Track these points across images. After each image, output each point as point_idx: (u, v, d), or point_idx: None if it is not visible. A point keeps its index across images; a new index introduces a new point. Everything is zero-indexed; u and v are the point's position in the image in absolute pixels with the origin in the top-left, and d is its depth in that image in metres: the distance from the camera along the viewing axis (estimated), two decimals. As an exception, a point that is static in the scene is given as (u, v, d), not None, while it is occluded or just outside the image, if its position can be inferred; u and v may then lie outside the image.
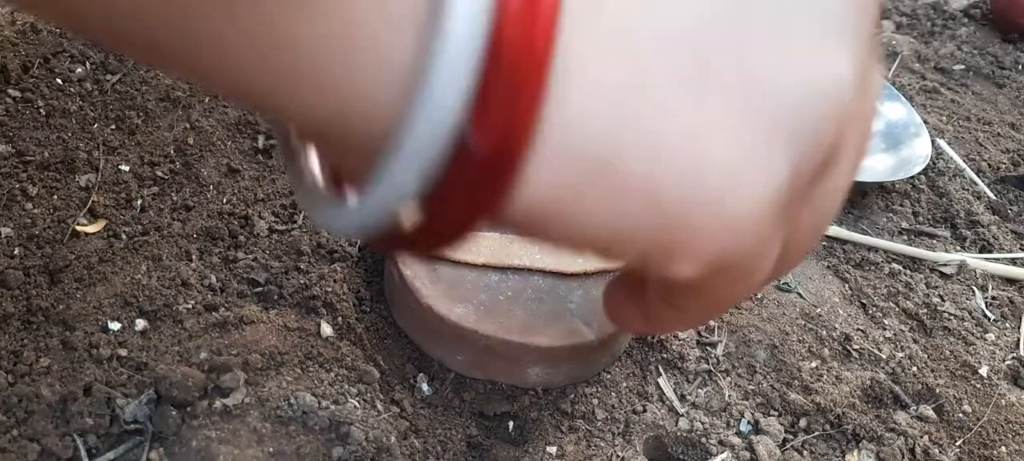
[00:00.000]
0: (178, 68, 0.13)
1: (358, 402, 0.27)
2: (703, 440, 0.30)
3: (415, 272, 0.29)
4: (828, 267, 0.44)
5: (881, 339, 0.39)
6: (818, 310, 0.39)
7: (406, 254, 0.15)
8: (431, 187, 0.13)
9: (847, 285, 0.42)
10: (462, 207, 0.13)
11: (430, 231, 0.14)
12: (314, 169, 0.17)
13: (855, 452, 0.32)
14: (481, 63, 0.12)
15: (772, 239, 0.16)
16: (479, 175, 0.13)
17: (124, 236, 0.32)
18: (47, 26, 0.45)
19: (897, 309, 0.41)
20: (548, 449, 0.28)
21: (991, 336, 0.41)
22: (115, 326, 0.28)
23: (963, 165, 0.57)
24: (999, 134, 0.64)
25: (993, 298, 0.44)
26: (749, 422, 0.32)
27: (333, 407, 0.27)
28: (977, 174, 0.56)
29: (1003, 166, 0.58)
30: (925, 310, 0.41)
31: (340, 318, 0.30)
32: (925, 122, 0.54)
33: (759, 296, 0.39)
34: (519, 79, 0.12)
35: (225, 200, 0.34)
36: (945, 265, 0.45)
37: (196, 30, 0.12)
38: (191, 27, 0.12)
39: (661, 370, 0.33)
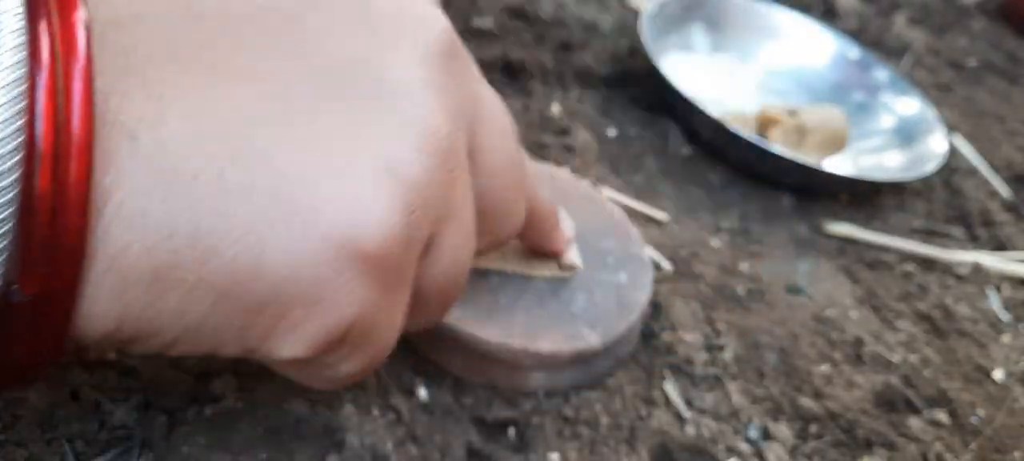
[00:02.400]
0: None
1: (353, 407, 0.27)
2: (711, 447, 0.30)
3: (413, 273, 0.29)
4: (839, 268, 0.43)
5: (894, 342, 0.38)
6: (829, 312, 0.39)
7: None
8: None
9: (859, 287, 0.41)
10: (22, 348, 0.14)
11: (3, 372, 0.15)
12: None
13: (867, 459, 0.31)
14: (15, 228, 0.13)
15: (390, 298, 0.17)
16: (31, 318, 0.14)
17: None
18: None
19: (910, 311, 0.40)
20: (550, 456, 0.28)
21: (1006, 339, 0.40)
22: (104, 328, 0.27)
23: (978, 162, 0.55)
24: (1012, 131, 0.62)
25: (1008, 299, 0.43)
26: (758, 428, 0.31)
27: (327, 413, 0.26)
28: (991, 171, 0.55)
29: (1018, 163, 0.57)
30: (939, 312, 0.40)
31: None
32: (939, 118, 0.53)
33: (768, 298, 0.38)
34: (57, 236, 0.13)
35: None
36: (959, 265, 0.44)
37: None
38: None
39: (667, 375, 0.32)
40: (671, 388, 0.32)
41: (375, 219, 0.16)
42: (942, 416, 0.34)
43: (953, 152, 0.56)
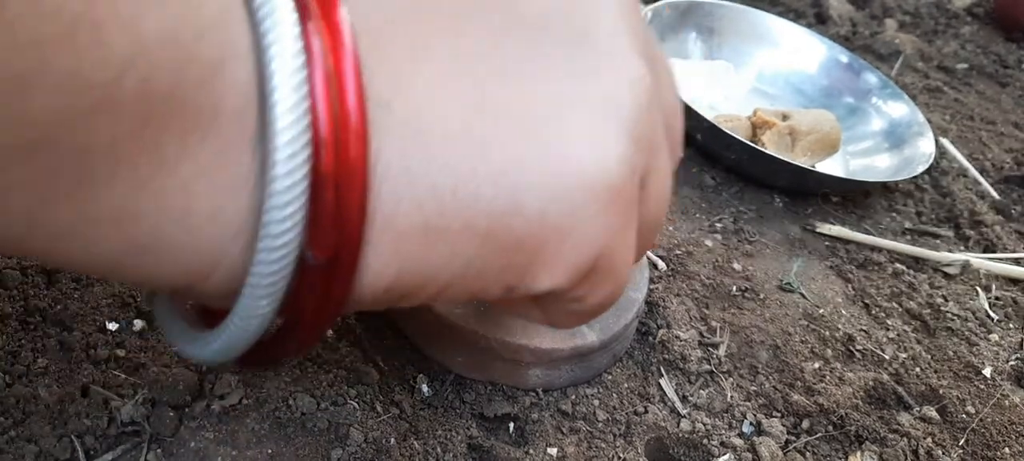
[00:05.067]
0: (31, 253, 0.14)
1: (357, 403, 0.27)
2: (705, 441, 0.30)
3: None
4: (831, 267, 0.43)
5: (884, 340, 0.39)
6: (821, 310, 0.39)
7: (272, 362, 0.18)
8: (282, 301, 0.15)
9: (850, 285, 0.42)
10: (314, 309, 0.16)
11: (290, 337, 0.16)
12: (173, 306, 0.19)
13: (858, 453, 0.32)
14: (307, 203, 0.14)
15: (628, 220, 0.18)
16: (322, 280, 0.15)
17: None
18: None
19: (900, 309, 0.41)
20: (549, 451, 0.28)
21: (995, 337, 0.41)
22: (113, 326, 0.28)
23: (967, 165, 0.56)
24: (1003, 133, 0.63)
25: (997, 298, 0.44)
26: (751, 423, 0.32)
27: (332, 408, 0.27)
28: (981, 173, 0.56)
29: (1007, 165, 0.58)
30: (928, 310, 0.41)
31: (339, 319, 0.30)
32: (928, 121, 0.54)
33: (761, 297, 0.39)
34: (342, 205, 0.14)
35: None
36: (949, 265, 0.45)
37: (47, 221, 0.13)
38: (43, 219, 0.13)
39: (663, 371, 0.33)
40: (666, 384, 0.32)
41: (610, 154, 0.17)
42: (932, 412, 0.35)
43: (942, 154, 0.57)
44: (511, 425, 0.29)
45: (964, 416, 0.35)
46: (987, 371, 0.38)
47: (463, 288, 0.17)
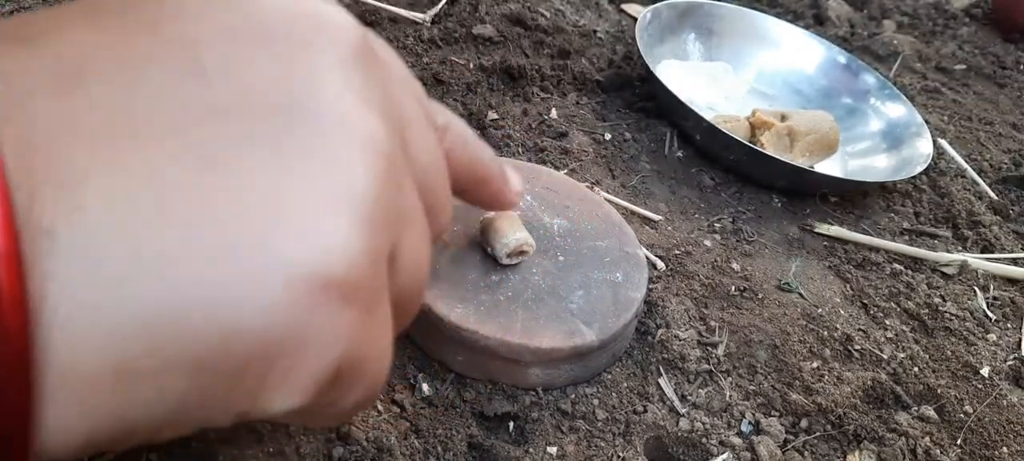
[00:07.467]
0: None
1: (358, 402, 0.27)
2: (704, 440, 0.30)
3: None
4: (829, 267, 0.44)
5: (882, 339, 0.39)
6: (819, 310, 0.39)
7: None
8: None
9: (848, 285, 0.42)
10: None
11: None
12: None
13: (856, 453, 0.32)
14: None
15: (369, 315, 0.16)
16: None
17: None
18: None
19: (898, 309, 0.41)
20: (549, 449, 0.28)
21: (993, 336, 0.41)
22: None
23: (965, 165, 0.57)
24: (1000, 134, 0.64)
25: (994, 298, 0.44)
26: (750, 422, 0.32)
27: (333, 407, 0.27)
28: (978, 174, 0.56)
29: (1004, 166, 0.58)
30: (926, 310, 0.41)
31: None
32: (926, 122, 0.54)
33: (760, 296, 0.39)
34: None
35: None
36: (947, 265, 0.45)
37: None
38: None
39: (662, 370, 0.33)
40: (665, 383, 0.32)
41: (338, 244, 0.15)
42: (930, 412, 0.35)
43: (940, 155, 0.57)
44: (511, 424, 0.29)
45: (962, 415, 0.35)
46: (985, 370, 0.38)
47: (184, 422, 0.15)
